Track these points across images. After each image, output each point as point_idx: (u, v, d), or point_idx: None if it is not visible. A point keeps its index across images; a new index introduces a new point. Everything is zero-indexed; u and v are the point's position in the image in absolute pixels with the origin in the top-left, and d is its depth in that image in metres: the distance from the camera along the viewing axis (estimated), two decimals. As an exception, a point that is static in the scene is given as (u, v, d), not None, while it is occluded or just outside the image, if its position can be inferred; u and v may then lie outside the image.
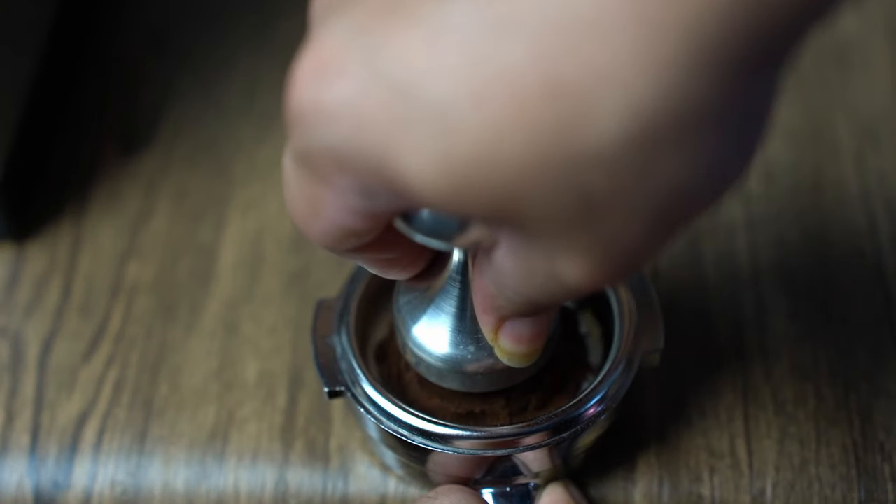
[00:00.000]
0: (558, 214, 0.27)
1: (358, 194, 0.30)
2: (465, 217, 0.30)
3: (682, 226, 0.29)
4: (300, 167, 0.31)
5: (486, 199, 0.27)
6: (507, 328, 0.37)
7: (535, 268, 0.30)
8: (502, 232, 0.30)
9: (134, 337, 0.51)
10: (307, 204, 0.32)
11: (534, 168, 0.26)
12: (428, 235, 0.32)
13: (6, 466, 0.48)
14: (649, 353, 0.43)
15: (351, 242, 0.33)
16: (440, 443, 0.41)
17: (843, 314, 0.50)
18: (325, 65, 0.28)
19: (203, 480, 0.47)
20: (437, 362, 0.41)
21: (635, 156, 0.26)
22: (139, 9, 0.64)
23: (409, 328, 0.41)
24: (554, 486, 0.44)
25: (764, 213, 0.53)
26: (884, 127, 0.56)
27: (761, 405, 0.47)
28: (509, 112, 0.26)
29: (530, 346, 0.38)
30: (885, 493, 0.45)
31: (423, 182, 0.27)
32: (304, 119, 0.29)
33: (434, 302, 0.40)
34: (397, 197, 0.29)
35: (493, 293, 0.34)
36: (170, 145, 0.58)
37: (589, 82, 0.25)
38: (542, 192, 0.27)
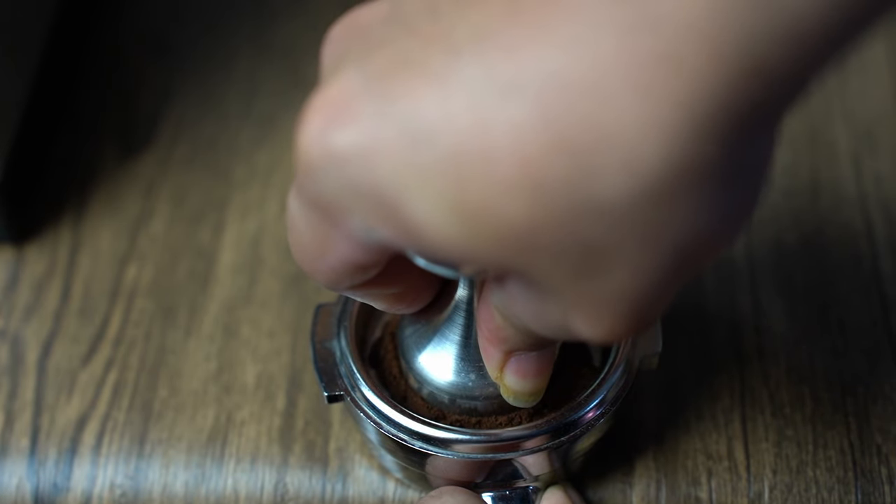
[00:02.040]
0: (565, 269, 0.28)
1: (367, 234, 0.30)
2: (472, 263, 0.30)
3: (687, 277, 0.29)
4: (309, 210, 0.31)
5: (494, 249, 0.28)
6: (512, 364, 0.37)
7: (546, 313, 0.30)
8: (513, 276, 0.30)
9: (133, 340, 0.51)
10: (315, 245, 0.32)
11: (540, 223, 0.27)
12: (436, 264, 0.32)
13: (6, 469, 0.48)
14: (647, 356, 0.43)
15: (357, 278, 0.33)
16: (440, 447, 0.41)
17: (841, 317, 0.50)
18: (338, 108, 0.28)
19: (202, 483, 0.47)
20: (440, 390, 0.42)
21: (639, 212, 0.26)
22: (139, 10, 0.64)
23: (415, 357, 0.42)
24: (553, 489, 0.44)
25: (761, 216, 0.53)
26: (881, 130, 0.56)
27: (759, 408, 0.48)
28: (515, 169, 0.26)
29: (535, 383, 0.38)
30: (882, 496, 0.45)
31: (432, 229, 0.28)
32: (314, 165, 0.29)
33: (439, 331, 0.41)
34: (405, 241, 0.29)
35: (500, 324, 0.34)
36: (169, 148, 0.58)
37: (592, 142, 0.26)
38: (548, 246, 0.27)
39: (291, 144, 0.57)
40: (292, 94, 0.59)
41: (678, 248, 0.28)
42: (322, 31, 0.33)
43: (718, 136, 0.26)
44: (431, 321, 0.41)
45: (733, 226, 0.29)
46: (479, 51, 0.27)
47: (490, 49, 0.27)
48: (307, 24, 0.62)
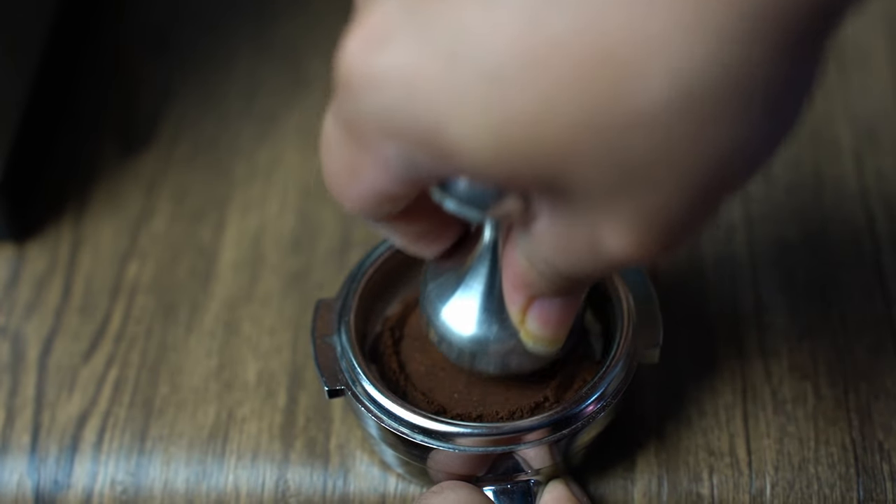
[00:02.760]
0: (604, 180, 0.28)
1: (401, 162, 0.30)
2: (508, 185, 0.30)
3: (723, 198, 0.29)
4: (344, 133, 0.31)
5: (533, 166, 0.28)
6: (534, 309, 0.37)
7: (576, 238, 0.30)
8: (544, 200, 0.30)
9: (134, 337, 0.51)
10: (347, 169, 0.32)
11: (582, 132, 0.27)
12: (463, 205, 0.32)
13: (6, 466, 0.48)
14: (648, 349, 0.43)
15: (385, 209, 0.33)
16: (441, 440, 0.41)
17: (843, 313, 0.50)
18: (378, 32, 0.28)
19: (203, 480, 0.47)
20: (462, 343, 0.41)
21: (682, 122, 0.26)
22: (139, 9, 0.64)
23: (438, 309, 0.41)
24: (555, 483, 0.44)
25: (763, 212, 0.53)
26: (883, 126, 0.56)
27: (760, 404, 0.48)
28: (559, 77, 0.26)
29: (556, 331, 0.38)
30: (884, 493, 0.45)
31: (473, 149, 0.27)
32: (354, 85, 0.29)
33: (463, 281, 0.40)
34: (442, 164, 0.29)
35: (525, 268, 0.34)
36: (170, 146, 0.58)
37: (638, 48, 0.26)
38: (589, 157, 0.27)
39: (292, 142, 0.57)
40: (293, 93, 0.59)
41: (716, 163, 0.27)
42: (322, 30, 0.33)
43: (767, 44, 0.26)
44: (455, 272, 0.40)
45: (771, 145, 0.28)
46: None
47: None
48: (308, 24, 0.62)
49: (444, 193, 0.32)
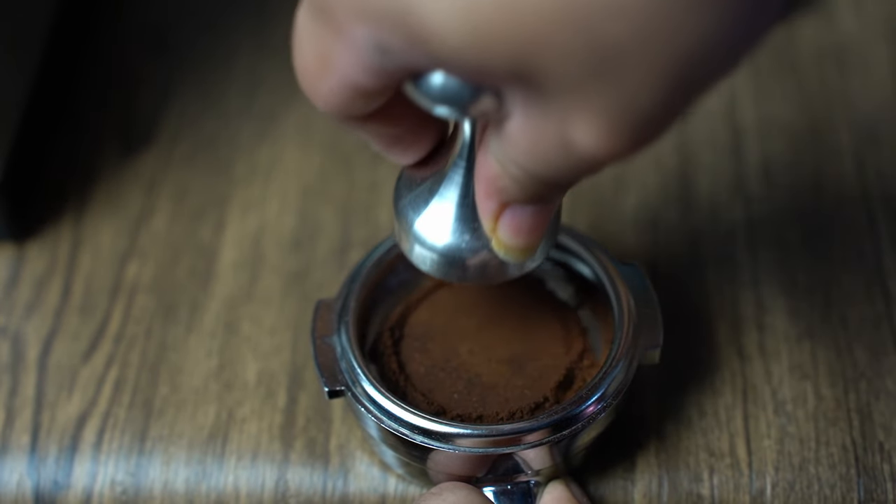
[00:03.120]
0: (577, 67, 0.27)
1: (373, 48, 0.29)
2: (478, 79, 0.30)
3: (696, 91, 0.29)
4: (315, 20, 0.30)
5: (505, 49, 0.27)
6: (506, 216, 0.36)
7: (547, 134, 0.30)
8: (516, 97, 0.30)
9: (134, 337, 0.51)
10: (318, 59, 0.31)
11: (556, 15, 0.26)
12: (437, 102, 0.31)
13: (6, 466, 0.48)
14: (649, 349, 0.43)
15: (357, 106, 0.32)
16: (441, 441, 0.41)
17: (843, 314, 0.50)
18: None
19: (203, 480, 0.47)
20: (433, 252, 0.39)
21: (658, 7, 0.26)
22: (139, 9, 0.64)
23: (412, 220, 0.39)
24: (555, 483, 0.44)
25: (763, 212, 0.53)
26: (883, 127, 0.56)
27: (761, 405, 0.48)
28: None
29: (528, 239, 0.37)
30: (885, 493, 0.45)
31: (444, 32, 0.27)
32: None
33: (437, 191, 0.39)
34: (414, 51, 0.29)
35: (498, 173, 0.33)
36: (170, 145, 0.58)
37: None
38: (562, 41, 0.27)
39: (292, 141, 0.57)
40: (293, 92, 0.59)
41: (691, 51, 0.27)
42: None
43: None
44: (428, 182, 0.39)
45: (747, 39, 0.28)
46: None
47: None
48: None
49: (418, 89, 0.31)
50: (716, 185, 0.54)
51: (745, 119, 0.57)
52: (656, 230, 0.53)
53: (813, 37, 0.60)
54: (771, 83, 0.58)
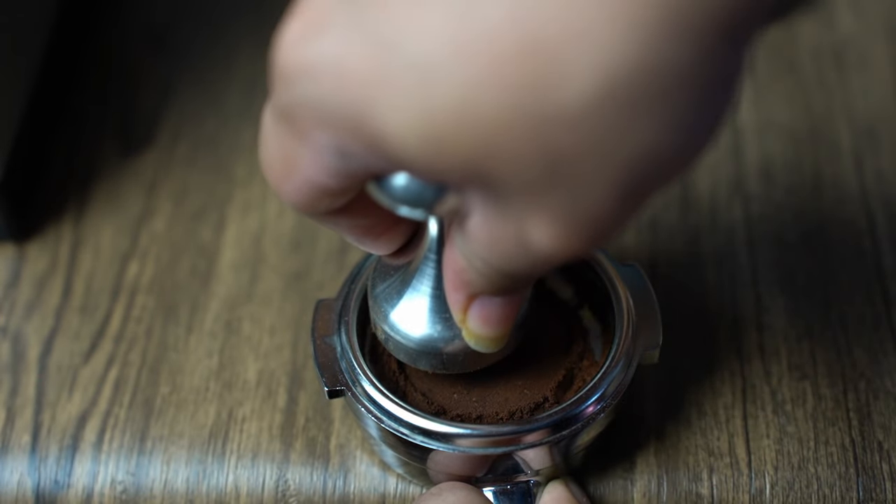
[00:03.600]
0: (529, 173, 0.28)
1: (334, 152, 0.30)
2: (435, 180, 0.30)
3: (648, 195, 0.29)
4: (279, 123, 0.31)
5: (460, 156, 0.28)
6: (475, 308, 0.37)
7: (505, 233, 0.30)
8: (474, 197, 0.30)
9: (134, 336, 0.51)
10: (282, 161, 0.32)
11: (507, 124, 0.27)
12: (398, 203, 0.32)
13: (7, 466, 0.48)
14: (648, 349, 0.43)
15: (323, 204, 0.33)
16: (441, 441, 0.41)
17: (842, 313, 0.50)
18: (312, 22, 0.29)
19: (203, 479, 0.47)
20: (408, 342, 0.40)
21: (606, 118, 0.26)
22: (139, 8, 0.64)
23: (387, 312, 0.41)
24: (554, 483, 0.44)
25: (763, 212, 0.53)
26: (883, 127, 0.56)
27: (760, 404, 0.48)
28: (486, 68, 0.26)
29: (498, 329, 0.38)
30: (884, 492, 0.45)
31: (401, 137, 0.28)
32: (287, 74, 0.29)
33: (410, 283, 0.40)
34: (373, 155, 0.29)
35: (464, 266, 0.34)
36: (170, 145, 0.58)
37: (564, 43, 0.26)
38: (514, 149, 0.27)
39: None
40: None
41: (639, 160, 0.27)
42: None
43: (692, 41, 0.26)
44: (402, 274, 0.40)
45: (696, 144, 0.28)
46: None
47: None
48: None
49: (380, 191, 0.32)
50: (715, 185, 0.55)
51: (745, 119, 0.57)
52: (656, 230, 0.53)
53: (812, 36, 0.60)
54: (770, 83, 0.58)
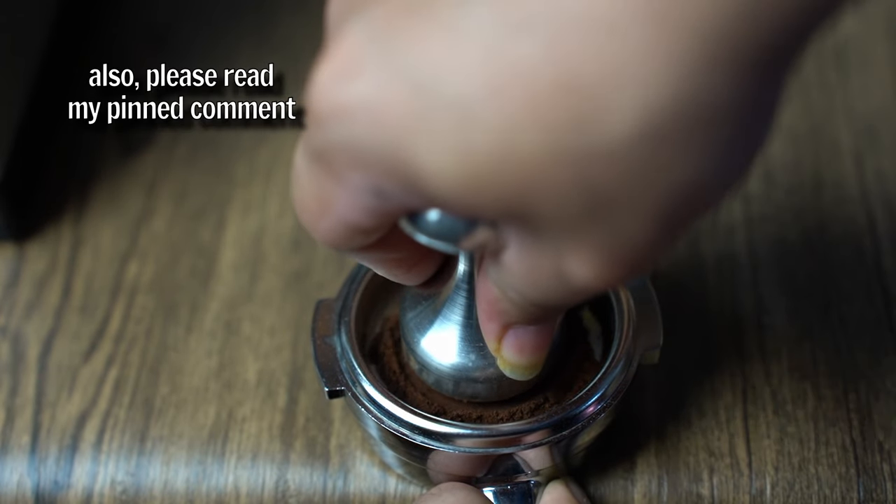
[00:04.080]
0: (569, 210, 0.28)
1: (369, 192, 0.30)
2: (473, 217, 0.30)
3: (688, 225, 0.29)
4: (313, 164, 0.31)
5: (500, 194, 0.28)
6: (510, 337, 0.37)
7: (543, 267, 0.30)
8: (511, 231, 0.30)
9: (134, 337, 0.51)
10: (317, 201, 0.32)
11: (548, 163, 0.27)
12: (434, 238, 0.32)
13: (6, 466, 0.48)
14: (649, 350, 0.43)
15: (357, 241, 0.33)
16: (441, 441, 0.41)
17: (843, 314, 0.50)
18: (345, 64, 0.28)
19: (203, 480, 0.47)
20: (442, 371, 0.41)
21: (647, 152, 0.26)
22: (139, 8, 0.64)
23: (418, 340, 0.41)
24: (555, 484, 0.44)
25: (763, 212, 0.53)
26: (883, 127, 0.56)
27: (760, 405, 0.48)
28: (525, 108, 0.26)
29: (532, 357, 0.38)
30: (885, 493, 0.45)
31: (440, 178, 0.28)
32: (322, 116, 0.29)
33: (441, 312, 0.41)
34: (410, 195, 0.29)
35: (498, 297, 0.34)
36: (170, 145, 0.58)
37: (603, 79, 0.26)
38: (554, 186, 0.27)
39: (292, 143, 0.57)
40: (293, 91, 0.59)
41: (680, 192, 0.27)
42: (322, 28, 0.33)
43: (732, 72, 0.26)
44: (433, 303, 0.41)
45: (735, 174, 0.29)
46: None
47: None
48: (307, 21, 0.62)
49: (415, 226, 0.32)
50: (716, 185, 0.54)
51: (745, 119, 0.57)
52: (656, 230, 0.53)
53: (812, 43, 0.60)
54: (771, 83, 0.58)
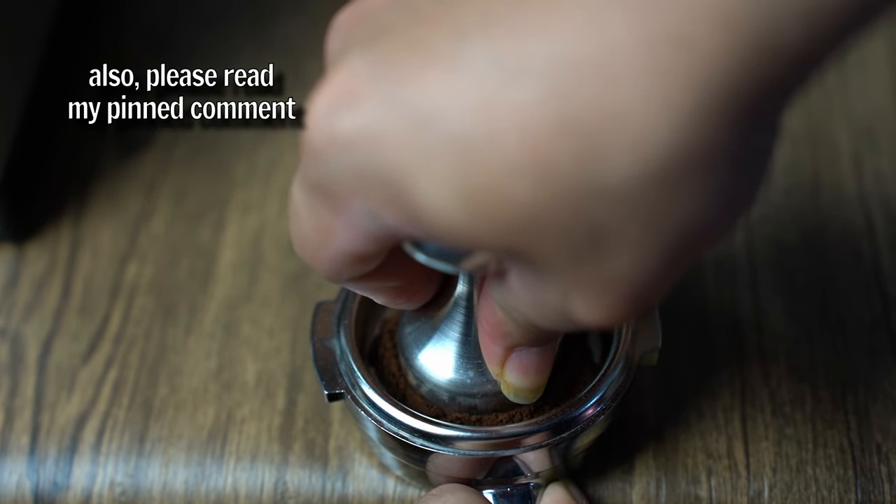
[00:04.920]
0: (568, 251, 0.28)
1: (370, 221, 0.30)
2: (475, 248, 0.30)
3: (689, 262, 0.29)
4: (312, 196, 0.31)
5: (498, 232, 0.28)
6: (513, 360, 0.37)
7: (547, 301, 0.30)
8: (513, 263, 0.30)
9: (133, 338, 0.51)
10: (316, 233, 0.32)
11: (546, 203, 0.27)
12: (436, 259, 0.32)
13: (6, 467, 0.48)
14: (647, 352, 0.43)
15: (357, 270, 0.33)
16: (440, 444, 0.41)
17: (841, 315, 0.50)
18: (345, 94, 0.28)
19: (202, 481, 0.47)
20: (439, 387, 0.42)
21: (645, 195, 0.26)
22: (139, 9, 0.64)
23: (415, 355, 0.42)
24: (554, 486, 0.44)
25: (762, 213, 0.53)
26: (881, 128, 0.56)
27: (759, 407, 0.48)
28: (521, 150, 0.26)
29: (536, 379, 0.38)
30: (882, 495, 0.45)
31: (437, 212, 0.28)
32: (320, 147, 0.29)
33: (439, 328, 0.41)
34: (409, 226, 0.29)
35: (502, 318, 0.34)
36: (169, 146, 0.58)
37: (600, 123, 0.26)
38: (553, 227, 0.27)
39: (292, 143, 0.57)
40: (293, 93, 0.59)
41: (681, 232, 0.28)
42: (323, 29, 0.33)
43: (728, 119, 0.26)
44: (431, 319, 0.41)
45: (735, 212, 0.29)
46: (486, 34, 0.27)
47: (496, 32, 0.27)
48: (307, 23, 0.62)
49: (416, 248, 0.32)
50: (714, 187, 0.54)
51: (744, 120, 0.57)
52: (655, 232, 0.53)
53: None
54: (770, 84, 0.58)
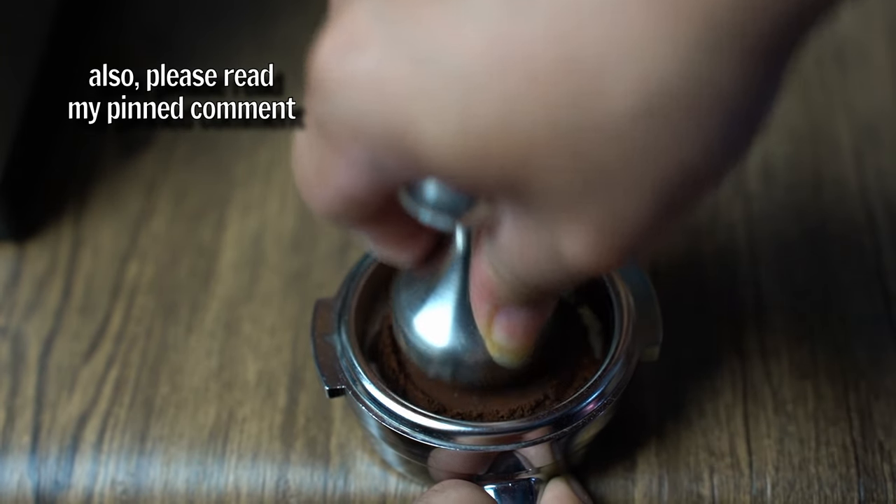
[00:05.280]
0: (566, 184, 0.28)
1: (369, 163, 0.31)
2: (472, 190, 0.31)
3: (684, 207, 0.29)
4: (315, 134, 0.31)
5: (498, 167, 0.28)
6: (501, 318, 0.37)
7: (537, 243, 0.31)
8: (507, 206, 0.31)
9: (134, 337, 0.51)
10: (316, 171, 0.32)
11: (547, 136, 0.27)
12: (430, 210, 0.32)
13: (7, 466, 0.48)
14: (648, 347, 0.43)
15: (354, 213, 0.33)
16: (442, 439, 0.41)
17: (843, 312, 0.50)
18: (350, 37, 0.29)
19: (203, 480, 0.47)
20: (430, 351, 0.41)
21: (644, 130, 0.27)
22: (139, 9, 0.64)
23: (409, 318, 0.41)
24: (556, 481, 0.44)
25: (763, 210, 0.53)
26: (883, 125, 0.56)
27: (761, 404, 0.48)
28: (525, 83, 0.27)
29: (522, 341, 0.38)
30: (885, 493, 0.45)
31: (440, 149, 0.28)
32: (326, 88, 0.29)
33: (435, 290, 0.41)
34: (409, 166, 0.30)
35: (491, 277, 0.34)
36: (170, 146, 0.58)
37: (602, 57, 0.26)
38: (552, 160, 0.28)
39: (292, 143, 0.57)
40: (293, 93, 0.59)
41: (677, 172, 0.28)
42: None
43: (731, 58, 0.26)
44: (427, 282, 0.41)
45: (732, 157, 0.29)
46: None
47: None
48: (308, 22, 0.62)
49: (413, 200, 0.32)
50: (716, 185, 0.54)
51: (745, 118, 0.57)
52: (656, 229, 0.53)
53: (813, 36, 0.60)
54: (770, 82, 0.58)
